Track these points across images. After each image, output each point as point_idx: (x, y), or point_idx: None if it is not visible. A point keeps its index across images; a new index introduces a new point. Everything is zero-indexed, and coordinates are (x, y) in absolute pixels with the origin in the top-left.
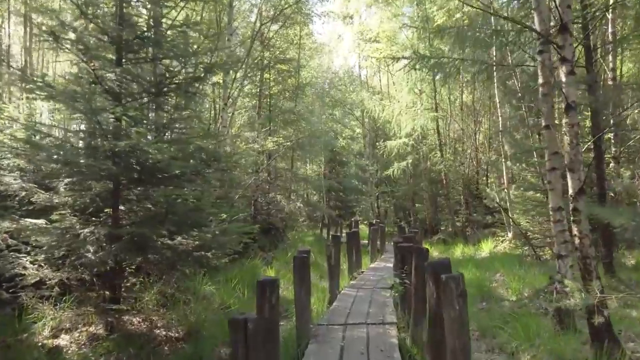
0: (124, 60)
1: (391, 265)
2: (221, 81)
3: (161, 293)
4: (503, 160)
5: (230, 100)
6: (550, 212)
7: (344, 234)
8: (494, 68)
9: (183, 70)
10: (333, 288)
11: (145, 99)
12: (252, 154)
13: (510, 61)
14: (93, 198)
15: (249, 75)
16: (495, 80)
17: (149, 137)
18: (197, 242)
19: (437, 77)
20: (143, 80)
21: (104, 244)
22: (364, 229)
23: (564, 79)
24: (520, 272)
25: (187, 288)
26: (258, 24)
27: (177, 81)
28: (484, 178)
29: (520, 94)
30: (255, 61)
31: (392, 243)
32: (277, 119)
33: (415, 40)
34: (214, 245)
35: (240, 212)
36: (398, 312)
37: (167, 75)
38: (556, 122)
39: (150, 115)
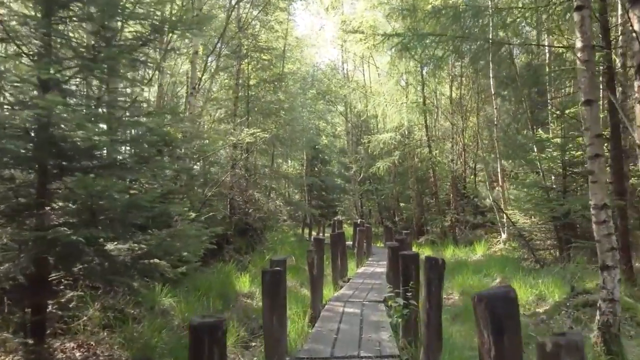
0: (52, 17)
1: (380, 270)
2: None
3: (106, 309)
4: (498, 156)
5: (199, 84)
6: (592, 212)
7: (326, 235)
8: (491, 50)
9: (126, 30)
10: (316, 302)
11: (78, 67)
12: (218, 137)
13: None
14: (4, 193)
15: (224, 62)
16: (490, 68)
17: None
18: (141, 249)
19: (425, 70)
20: (75, 42)
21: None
22: (347, 229)
23: (637, 26)
24: (524, 278)
25: (142, 301)
26: (234, 1)
27: (116, 43)
28: (472, 176)
29: (519, 82)
30: (231, 45)
31: (378, 245)
32: (255, 111)
33: (401, 31)
34: (159, 253)
35: (213, 211)
36: (399, 340)
37: (106, 35)
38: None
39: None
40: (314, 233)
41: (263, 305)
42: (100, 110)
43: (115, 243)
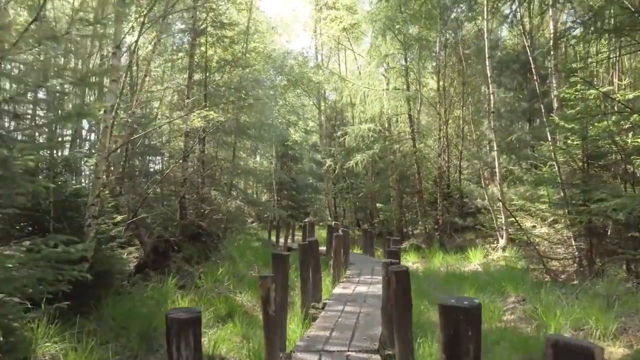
0: None
1: (364, 289)
2: None
3: None
4: (495, 149)
5: (136, 51)
6: None
7: (297, 238)
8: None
9: None
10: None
11: None
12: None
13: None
14: None
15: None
16: (486, 47)
17: None
18: None
19: (409, 55)
20: None
21: None
22: (319, 231)
23: None
24: (548, 298)
25: (9, 350)
26: None
27: None
28: (456, 174)
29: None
30: (185, 19)
31: (355, 251)
32: (211, 93)
33: (384, 9)
34: None
35: (155, 212)
36: None
37: None
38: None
39: None
40: (281, 237)
41: None
42: None
43: None
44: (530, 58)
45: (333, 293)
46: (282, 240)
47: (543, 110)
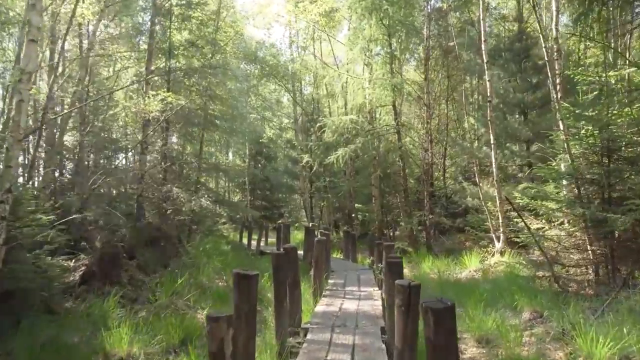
0: None
1: (353, 307)
2: None
3: None
4: (492, 142)
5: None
6: None
7: (270, 240)
8: None
9: None
10: None
11: None
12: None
13: None
14: None
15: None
16: (482, 28)
17: None
18: None
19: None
20: None
21: None
22: (294, 234)
23: None
24: (573, 316)
25: None
26: None
27: None
28: (439, 172)
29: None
30: None
31: (336, 255)
32: (177, 80)
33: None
34: None
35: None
36: None
37: None
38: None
39: None
40: (254, 240)
41: None
42: None
43: None
44: (541, 35)
45: (316, 312)
46: (254, 243)
47: (555, 97)
